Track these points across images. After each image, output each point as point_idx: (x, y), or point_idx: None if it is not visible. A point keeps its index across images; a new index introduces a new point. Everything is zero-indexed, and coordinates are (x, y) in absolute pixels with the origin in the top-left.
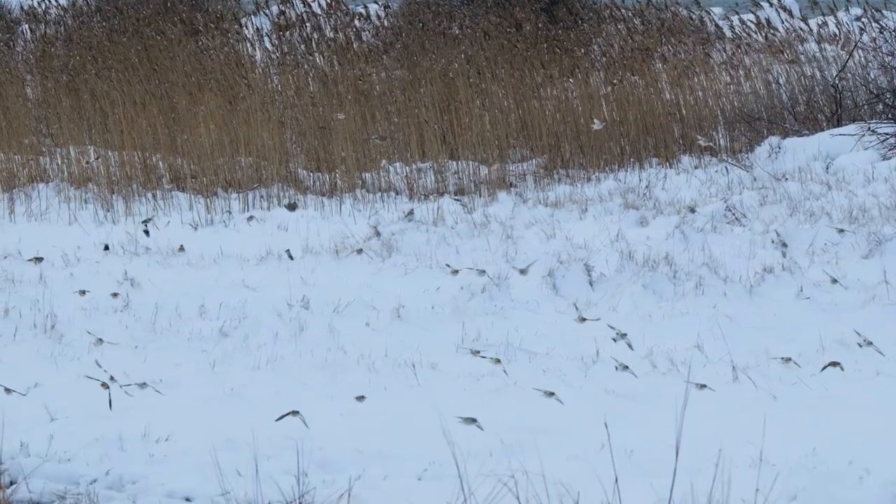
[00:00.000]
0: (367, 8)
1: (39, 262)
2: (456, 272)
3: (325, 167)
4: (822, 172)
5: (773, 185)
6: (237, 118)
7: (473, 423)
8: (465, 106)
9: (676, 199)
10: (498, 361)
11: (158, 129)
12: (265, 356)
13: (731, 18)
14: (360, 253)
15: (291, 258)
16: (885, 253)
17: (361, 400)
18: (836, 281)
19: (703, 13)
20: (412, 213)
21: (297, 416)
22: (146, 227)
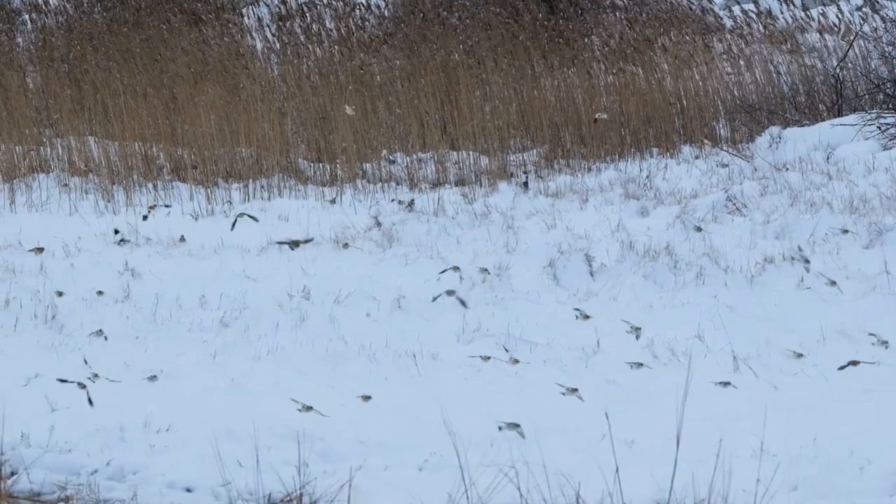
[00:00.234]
0: None
1: (40, 252)
2: (457, 269)
3: (325, 157)
4: (822, 162)
5: (773, 175)
6: (237, 108)
7: (516, 428)
8: (465, 96)
9: (677, 189)
10: (516, 362)
11: (159, 119)
12: (266, 347)
13: (731, 8)
14: (346, 247)
15: (292, 248)
16: (885, 243)
17: (367, 400)
18: (834, 283)
19: (703, 2)
20: (412, 203)
21: (310, 411)
22: (150, 212)
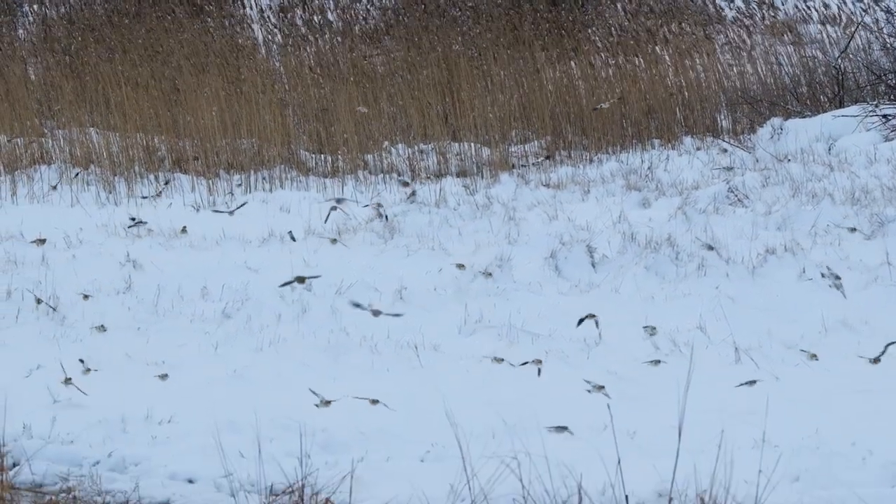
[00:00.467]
0: None
1: (42, 243)
2: (462, 266)
3: (327, 148)
4: (824, 154)
5: (775, 166)
6: (239, 99)
7: (564, 430)
8: (466, 87)
9: (678, 180)
10: (539, 362)
11: (160, 110)
12: (268, 338)
13: None
14: (334, 242)
15: (294, 240)
16: (887, 234)
17: (375, 403)
18: (838, 281)
19: None
20: (414, 194)
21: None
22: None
